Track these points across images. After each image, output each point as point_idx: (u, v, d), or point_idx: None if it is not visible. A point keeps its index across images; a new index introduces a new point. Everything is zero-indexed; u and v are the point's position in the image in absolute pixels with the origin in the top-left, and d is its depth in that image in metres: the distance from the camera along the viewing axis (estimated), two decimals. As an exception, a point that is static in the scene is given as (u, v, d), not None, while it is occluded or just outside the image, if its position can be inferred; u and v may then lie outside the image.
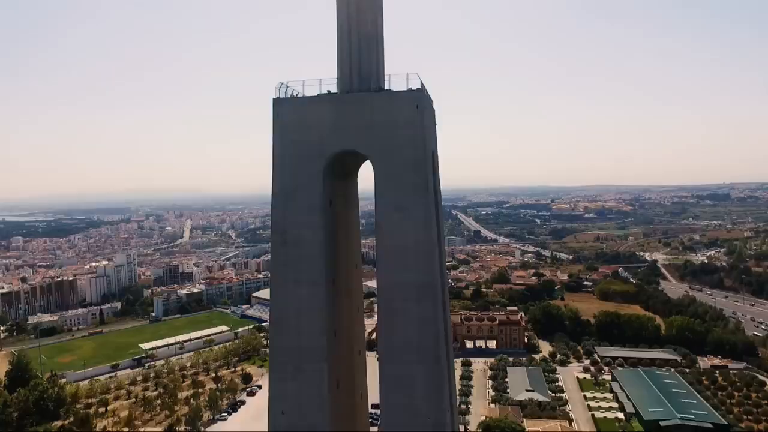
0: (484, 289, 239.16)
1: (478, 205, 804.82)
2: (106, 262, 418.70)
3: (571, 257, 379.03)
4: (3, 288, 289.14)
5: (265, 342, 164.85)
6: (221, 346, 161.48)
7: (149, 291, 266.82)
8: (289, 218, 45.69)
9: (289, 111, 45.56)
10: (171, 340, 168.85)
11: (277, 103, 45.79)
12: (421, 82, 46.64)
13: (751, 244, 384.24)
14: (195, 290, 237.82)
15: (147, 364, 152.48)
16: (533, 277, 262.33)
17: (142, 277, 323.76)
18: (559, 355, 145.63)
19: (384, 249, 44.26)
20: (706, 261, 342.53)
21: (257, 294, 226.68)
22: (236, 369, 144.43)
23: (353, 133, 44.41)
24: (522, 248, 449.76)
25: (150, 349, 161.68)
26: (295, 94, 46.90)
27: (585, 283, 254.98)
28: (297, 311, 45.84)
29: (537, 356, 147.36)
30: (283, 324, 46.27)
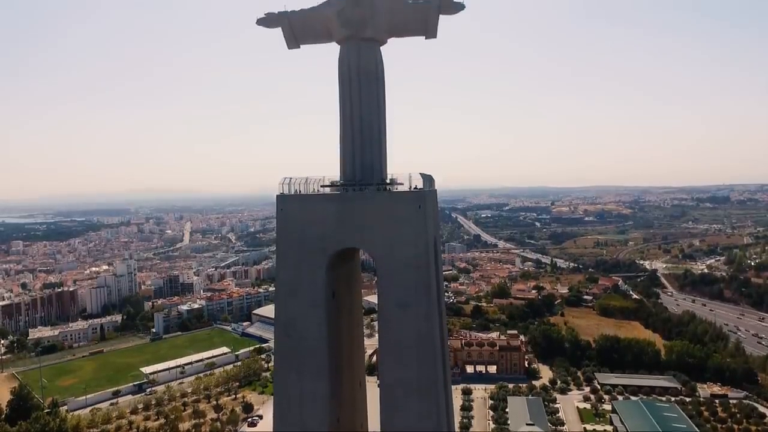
0: (484, 304, 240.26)
1: (478, 208, 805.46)
2: (106, 267, 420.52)
3: (571, 265, 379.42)
4: (4, 300, 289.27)
5: (265, 365, 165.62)
6: (222, 370, 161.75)
7: (150, 303, 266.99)
8: (293, 311, 45.93)
9: (292, 207, 45.75)
10: (172, 363, 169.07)
11: (281, 199, 45.98)
12: (423, 178, 46.96)
13: (751, 252, 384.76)
14: (196, 306, 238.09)
15: (148, 390, 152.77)
16: (533, 290, 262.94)
17: (143, 287, 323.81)
18: (559, 382, 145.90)
19: (386, 344, 44.51)
20: (705, 271, 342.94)
21: (257, 311, 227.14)
22: (237, 396, 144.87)
23: (356, 232, 44.56)
24: (522, 254, 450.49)
25: (151, 373, 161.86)
26: (298, 189, 47.14)
27: (585, 297, 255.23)
28: (299, 401, 46.25)
29: (537, 383, 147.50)
30: (285, 413, 46.70)
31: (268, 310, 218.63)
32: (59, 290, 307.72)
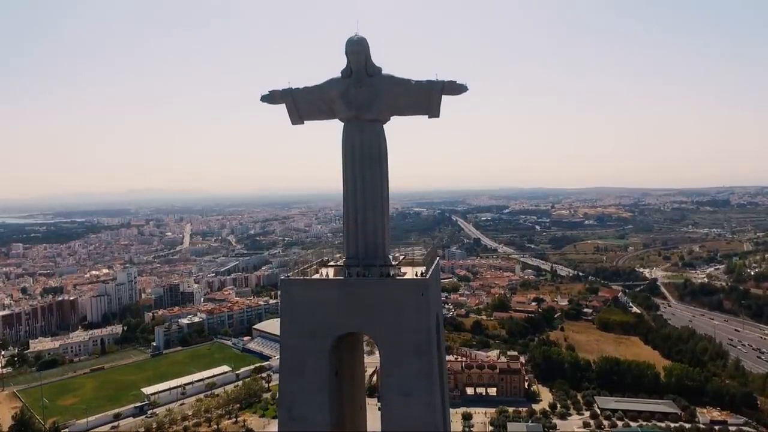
0: (484, 317, 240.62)
1: (478, 210, 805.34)
2: (106, 271, 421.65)
3: (571, 273, 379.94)
4: (4, 308, 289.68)
5: (266, 385, 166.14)
6: (223, 391, 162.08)
7: (150, 314, 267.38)
8: (296, 394, 45.97)
9: (296, 292, 45.67)
10: (173, 383, 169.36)
11: (286, 283, 46.04)
12: (425, 262, 47.22)
13: (750, 261, 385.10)
14: (196, 319, 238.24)
15: (149, 412, 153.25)
16: (533, 303, 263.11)
17: (143, 295, 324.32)
18: (559, 406, 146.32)
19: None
20: (705, 280, 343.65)
21: (258, 326, 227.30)
22: (237, 419, 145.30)
23: (359, 317, 44.63)
24: (522, 259, 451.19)
25: (152, 394, 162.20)
26: (304, 272, 47.37)
27: (585, 310, 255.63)
28: (303, 479, 46.45)
29: (537, 407, 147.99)
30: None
31: (269, 325, 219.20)
32: (59, 299, 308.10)
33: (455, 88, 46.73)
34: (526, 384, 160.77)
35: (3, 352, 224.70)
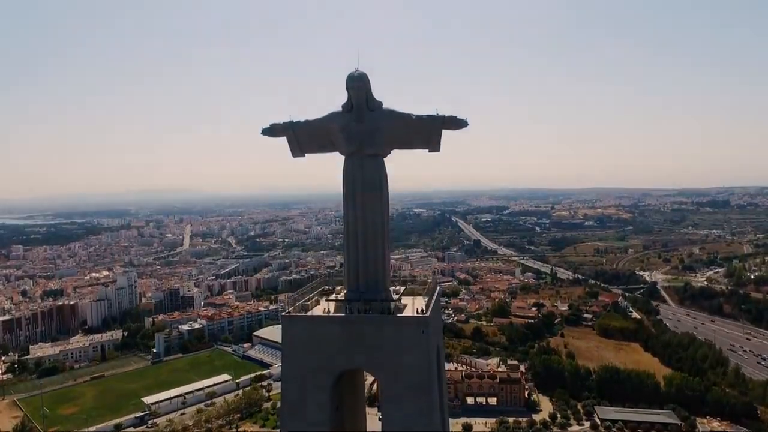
0: (483, 323, 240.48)
1: (478, 211, 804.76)
2: (106, 273, 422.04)
3: (571, 276, 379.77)
4: (4, 313, 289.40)
5: (266, 395, 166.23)
6: (223, 400, 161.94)
7: (150, 319, 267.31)
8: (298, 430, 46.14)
9: (298, 329, 45.72)
10: (173, 392, 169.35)
11: (287, 320, 46.04)
12: (426, 295, 47.30)
13: (750, 264, 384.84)
14: (196, 326, 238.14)
15: (150, 422, 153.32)
16: (533, 308, 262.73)
17: (143, 299, 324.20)
18: (559, 417, 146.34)
19: (390, 467, 44.71)
20: (705, 284, 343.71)
21: (258, 333, 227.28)
22: (238, 429, 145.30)
23: (361, 354, 44.71)
24: (522, 261, 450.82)
25: (152, 404, 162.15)
26: (305, 305, 47.41)
27: (585, 315, 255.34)
28: None
29: (537, 417, 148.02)
30: None
31: (269, 332, 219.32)
32: (60, 303, 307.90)
33: (456, 123, 46.71)
34: (527, 393, 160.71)
35: (3, 359, 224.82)
